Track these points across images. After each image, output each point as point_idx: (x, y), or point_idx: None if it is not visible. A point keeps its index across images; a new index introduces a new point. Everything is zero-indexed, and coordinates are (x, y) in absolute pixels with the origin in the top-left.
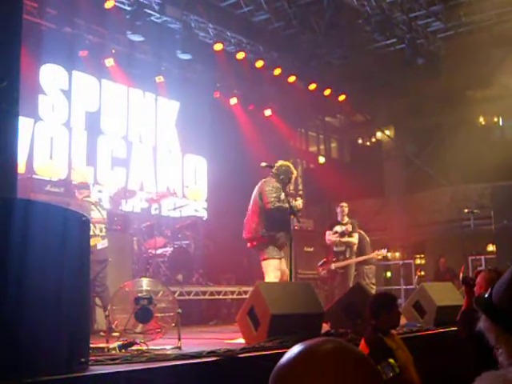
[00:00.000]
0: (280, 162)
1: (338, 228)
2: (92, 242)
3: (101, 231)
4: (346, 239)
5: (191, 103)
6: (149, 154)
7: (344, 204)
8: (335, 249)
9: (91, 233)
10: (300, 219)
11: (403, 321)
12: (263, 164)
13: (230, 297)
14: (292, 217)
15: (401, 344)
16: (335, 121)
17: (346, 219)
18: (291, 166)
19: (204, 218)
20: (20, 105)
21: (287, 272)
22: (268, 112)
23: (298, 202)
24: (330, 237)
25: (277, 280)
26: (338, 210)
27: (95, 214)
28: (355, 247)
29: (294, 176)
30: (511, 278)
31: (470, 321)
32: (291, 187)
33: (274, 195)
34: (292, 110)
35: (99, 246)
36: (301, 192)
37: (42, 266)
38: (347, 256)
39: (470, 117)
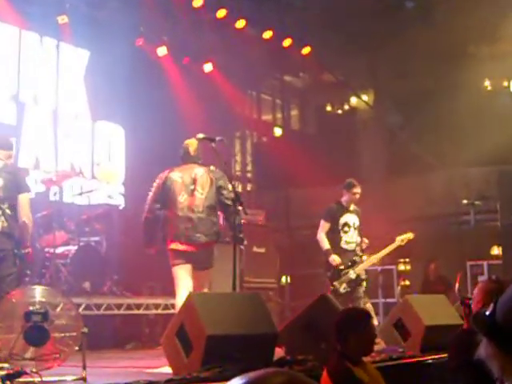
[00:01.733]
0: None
1: (347, 218)
2: None
3: None
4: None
5: (105, 53)
6: (47, 120)
7: (357, 184)
8: (345, 246)
9: None
10: (247, 210)
11: (380, 345)
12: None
13: (154, 312)
14: (239, 207)
15: (375, 375)
16: (297, 81)
17: (353, 206)
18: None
19: (120, 207)
20: None
21: None
22: (208, 67)
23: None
24: (324, 230)
25: None
26: (349, 192)
27: None
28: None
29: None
30: None
31: (468, 346)
32: (237, 167)
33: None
34: (240, 65)
35: None
36: (249, 174)
37: None
38: (361, 257)
39: (472, 80)
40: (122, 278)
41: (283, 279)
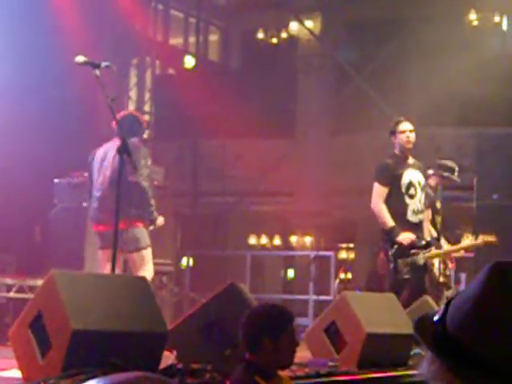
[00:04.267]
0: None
1: (411, 175)
2: None
3: None
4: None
5: None
6: None
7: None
8: (413, 219)
9: None
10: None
11: (306, 355)
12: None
13: (5, 295)
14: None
15: None
16: None
17: (412, 159)
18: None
19: None
20: None
21: None
22: None
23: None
24: (382, 197)
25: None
26: (396, 133)
27: None
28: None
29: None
30: (486, 291)
31: None
32: (130, 106)
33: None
34: None
35: None
36: (146, 117)
37: None
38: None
39: (454, 11)
40: None
41: (183, 261)
